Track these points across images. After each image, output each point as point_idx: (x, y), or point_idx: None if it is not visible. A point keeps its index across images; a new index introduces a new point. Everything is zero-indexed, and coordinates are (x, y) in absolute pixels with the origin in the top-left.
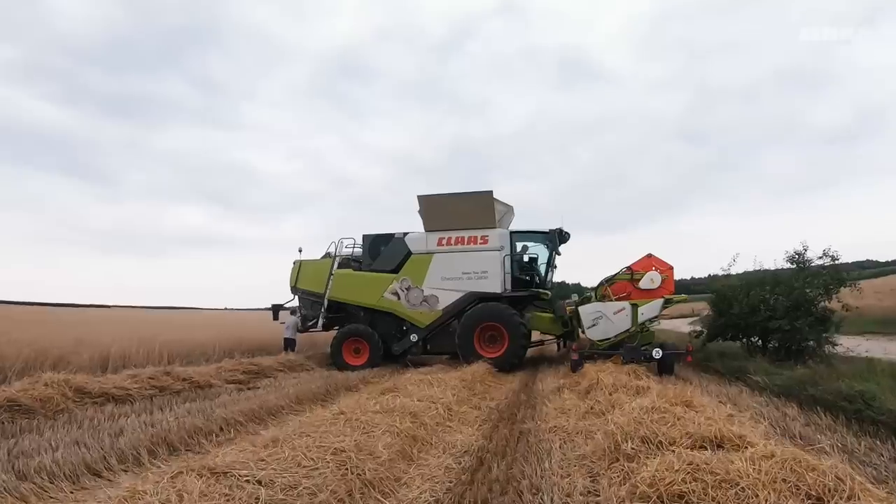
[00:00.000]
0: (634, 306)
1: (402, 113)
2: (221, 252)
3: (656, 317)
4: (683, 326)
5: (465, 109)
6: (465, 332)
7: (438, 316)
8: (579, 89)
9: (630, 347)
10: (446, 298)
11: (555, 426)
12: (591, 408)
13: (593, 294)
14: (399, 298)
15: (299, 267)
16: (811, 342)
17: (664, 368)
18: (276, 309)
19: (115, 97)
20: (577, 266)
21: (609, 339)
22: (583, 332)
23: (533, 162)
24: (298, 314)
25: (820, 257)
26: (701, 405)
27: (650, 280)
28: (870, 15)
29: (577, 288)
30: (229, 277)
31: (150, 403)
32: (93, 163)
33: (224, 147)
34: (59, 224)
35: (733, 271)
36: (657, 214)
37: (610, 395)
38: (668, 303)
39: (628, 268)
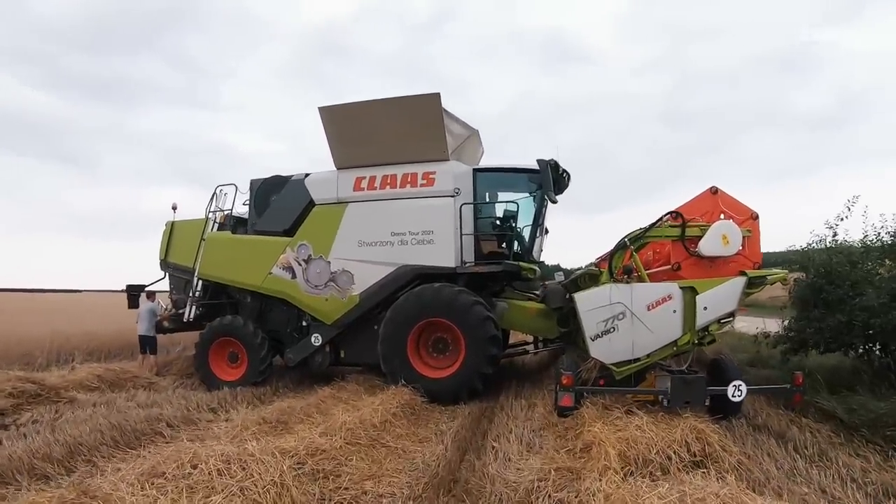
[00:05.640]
0: (690, 291)
1: (383, 92)
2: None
3: (732, 313)
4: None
5: (447, 90)
6: (393, 334)
7: (354, 305)
8: (562, 71)
9: (681, 379)
10: (367, 276)
11: None
12: None
13: (606, 269)
14: (294, 276)
15: (170, 231)
16: None
17: (726, 407)
18: (134, 292)
19: (93, 80)
20: (555, 246)
21: (639, 360)
22: (584, 343)
23: (516, 144)
24: (161, 301)
25: None
26: None
27: (720, 236)
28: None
29: (558, 269)
30: None
31: None
32: (73, 146)
33: (206, 127)
34: (39, 209)
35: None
36: (642, 195)
37: None
38: (754, 283)
39: (675, 213)
